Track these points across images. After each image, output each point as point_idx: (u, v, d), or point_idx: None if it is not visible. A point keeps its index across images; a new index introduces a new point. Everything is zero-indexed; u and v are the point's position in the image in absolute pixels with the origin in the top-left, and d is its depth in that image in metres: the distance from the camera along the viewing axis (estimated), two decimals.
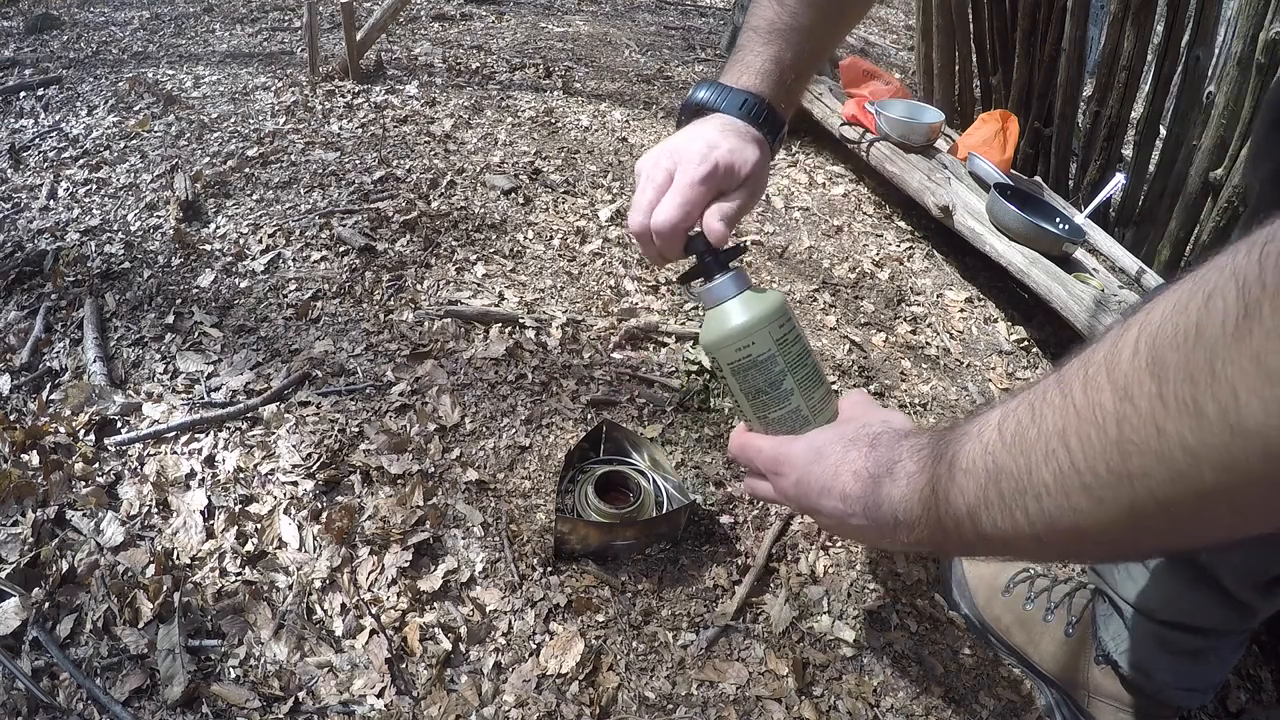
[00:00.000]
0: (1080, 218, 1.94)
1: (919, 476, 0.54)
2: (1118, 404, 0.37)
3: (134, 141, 2.35)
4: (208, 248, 1.80)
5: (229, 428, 1.30)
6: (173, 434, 1.28)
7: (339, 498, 1.19)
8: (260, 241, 1.81)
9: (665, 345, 1.58)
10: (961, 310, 1.89)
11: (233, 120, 2.47)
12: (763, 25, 0.76)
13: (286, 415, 1.32)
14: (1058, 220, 1.92)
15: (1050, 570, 1.08)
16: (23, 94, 2.76)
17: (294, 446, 1.26)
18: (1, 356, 1.49)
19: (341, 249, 1.77)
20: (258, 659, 0.97)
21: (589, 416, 1.37)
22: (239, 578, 1.06)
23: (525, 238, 1.88)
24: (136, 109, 2.58)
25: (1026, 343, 1.82)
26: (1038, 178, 2.30)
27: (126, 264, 1.75)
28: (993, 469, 0.45)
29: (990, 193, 1.92)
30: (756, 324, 0.67)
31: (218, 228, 1.88)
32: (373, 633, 1.01)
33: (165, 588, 1.02)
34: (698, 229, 0.72)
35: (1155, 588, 0.88)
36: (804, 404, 0.69)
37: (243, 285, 1.67)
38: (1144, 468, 0.36)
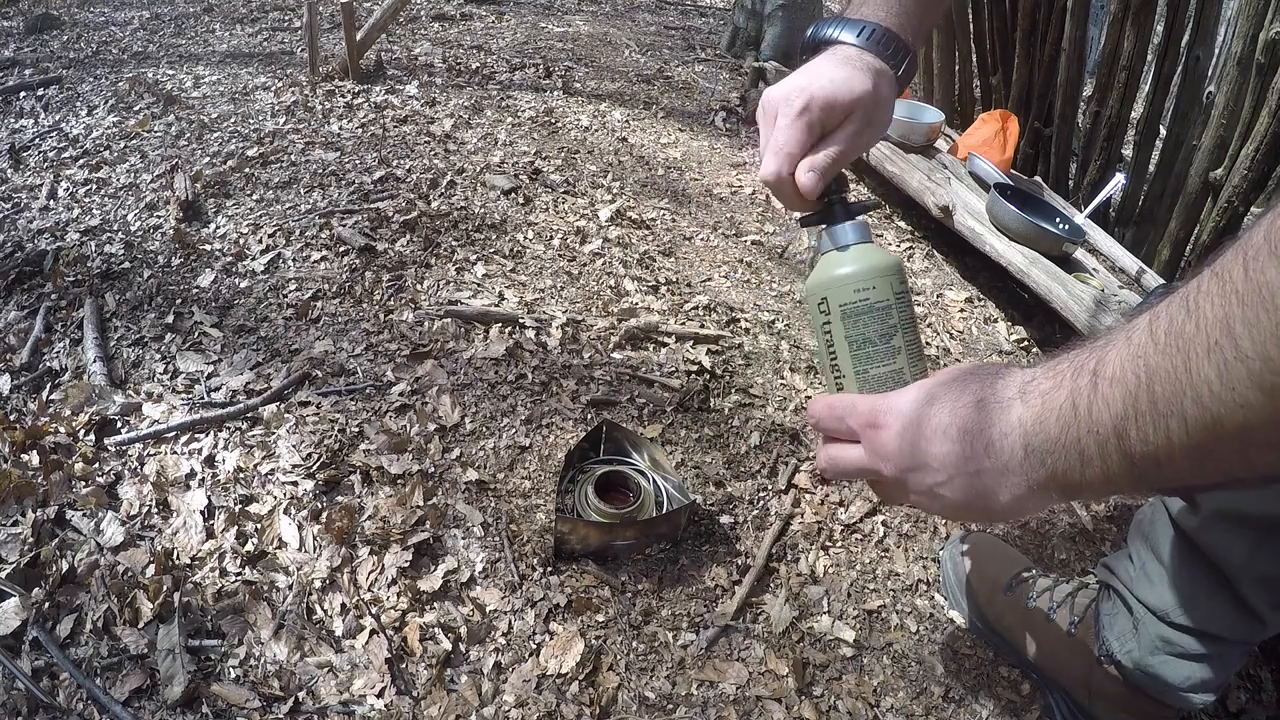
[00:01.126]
0: (1080, 218, 1.94)
1: (1056, 393, 0.47)
2: None
3: (134, 141, 2.35)
4: (208, 248, 1.80)
5: (229, 428, 1.30)
6: (173, 434, 1.28)
7: (339, 498, 1.19)
8: (260, 241, 1.81)
9: (665, 345, 1.58)
10: (961, 310, 1.89)
11: (233, 120, 2.47)
12: None
13: (286, 415, 1.32)
14: (1058, 220, 1.92)
15: (1052, 570, 1.08)
16: (23, 94, 2.76)
17: (294, 446, 1.26)
18: (1, 356, 1.49)
19: (341, 249, 1.77)
20: (258, 659, 0.97)
21: (589, 416, 1.37)
22: (239, 578, 1.06)
23: (525, 238, 1.88)
24: (136, 109, 2.58)
25: (1026, 343, 1.82)
26: (1038, 178, 2.30)
27: (126, 264, 1.75)
28: (1145, 373, 0.40)
29: (990, 193, 1.92)
30: (881, 269, 0.63)
31: (218, 228, 1.88)
32: (373, 633, 1.01)
33: (165, 588, 1.02)
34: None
35: (1172, 590, 0.88)
36: (908, 367, 0.64)
37: (243, 285, 1.67)
38: None
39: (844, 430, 0.61)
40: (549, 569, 1.11)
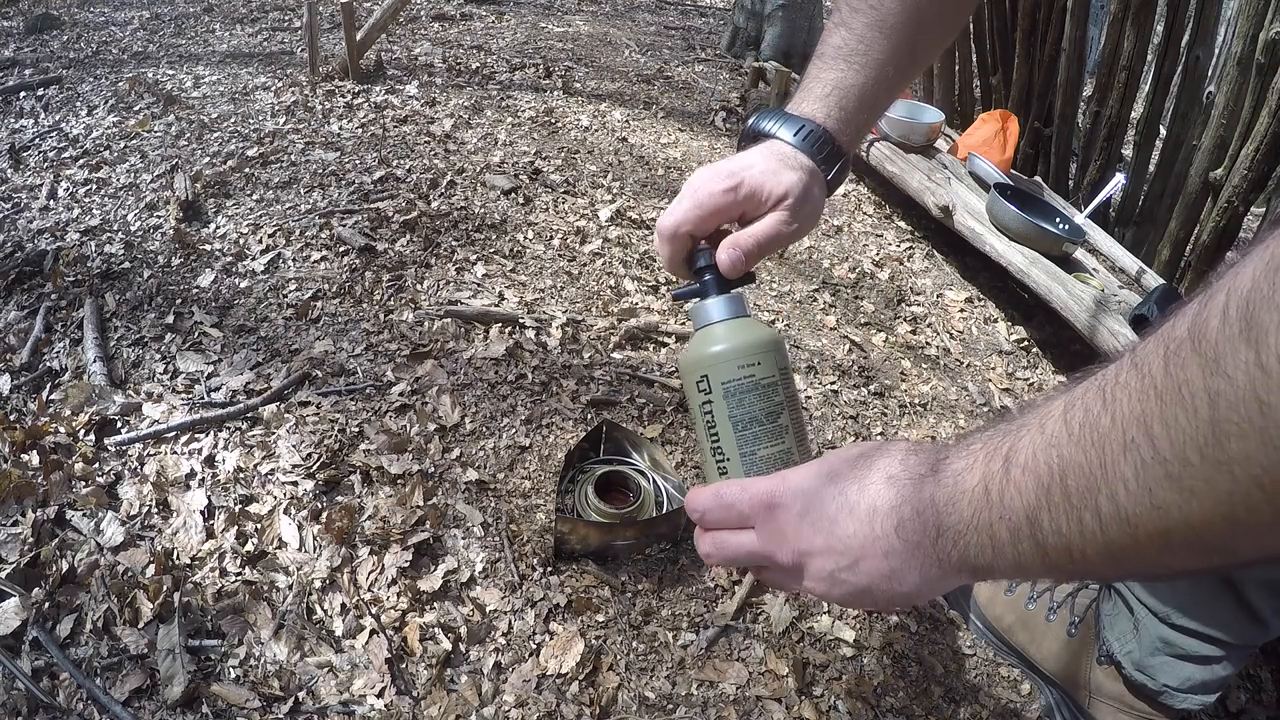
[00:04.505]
0: (1080, 218, 1.94)
1: (968, 475, 0.45)
2: (1208, 379, 0.32)
3: (134, 141, 2.35)
4: (208, 248, 1.80)
5: (229, 428, 1.30)
6: (173, 434, 1.28)
7: (339, 498, 1.19)
8: (260, 241, 1.81)
9: (665, 345, 1.58)
10: (961, 310, 1.89)
11: (233, 120, 2.47)
12: (828, 51, 0.70)
13: (286, 415, 1.32)
14: (1058, 220, 1.92)
15: None
16: (23, 94, 2.76)
17: (294, 446, 1.26)
18: (1, 356, 1.49)
19: (341, 249, 1.77)
20: (258, 659, 0.97)
21: (589, 416, 1.37)
22: (239, 578, 1.06)
23: (525, 238, 1.88)
24: (136, 109, 2.58)
25: (1026, 343, 1.82)
26: (1038, 178, 2.30)
27: (126, 264, 1.75)
28: (1058, 464, 0.39)
29: (990, 193, 1.92)
30: (765, 344, 0.60)
31: (218, 228, 1.88)
32: (373, 633, 1.01)
33: (165, 588, 1.02)
34: (705, 245, 0.66)
35: (1174, 591, 0.87)
36: (796, 448, 0.60)
37: (243, 285, 1.67)
38: (1245, 451, 0.31)
39: (733, 518, 0.55)
40: (549, 569, 1.11)
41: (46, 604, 1.00)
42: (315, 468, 1.22)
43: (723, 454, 0.60)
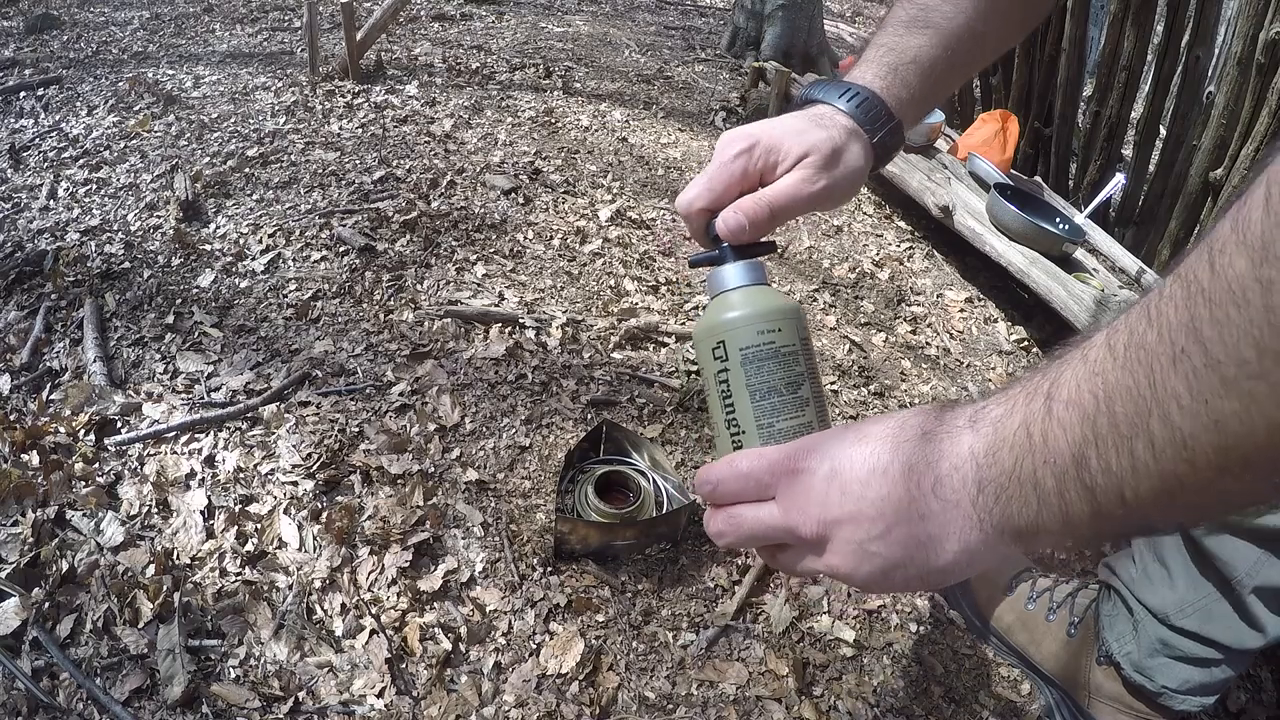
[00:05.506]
0: (1080, 218, 1.94)
1: (1008, 420, 0.40)
2: (1258, 269, 0.29)
3: (134, 141, 2.35)
4: (208, 248, 1.80)
5: (229, 428, 1.30)
6: (173, 434, 1.28)
7: (339, 498, 1.19)
8: (260, 241, 1.81)
9: (665, 345, 1.58)
10: (961, 310, 1.89)
11: (233, 120, 2.47)
12: (890, 21, 0.67)
13: (286, 415, 1.32)
14: (1058, 220, 1.92)
15: (1051, 571, 1.08)
16: (23, 94, 2.76)
17: (294, 446, 1.26)
18: (1, 356, 1.49)
19: (341, 249, 1.77)
20: (258, 659, 0.97)
21: (589, 416, 1.37)
22: (239, 578, 1.06)
23: (525, 238, 1.88)
24: (136, 109, 2.58)
25: (1026, 343, 1.82)
26: (1038, 178, 2.30)
27: (126, 264, 1.75)
28: (1103, 392, 0.35)
29: (990, 193, 1.92)
30: (788, 310, 0.56)
31: (218, 228, 1.88)
32: (373, 633, 1.01)
33: (165, 588, 1.02)
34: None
35: (1174, 593, 0.88)
36: (817, 423, 0.56)
37: (243, 285, 1.67)
38: None
39: (751, 488, 0.50)
40: (549, 569, 1.11)
41: (46, 604, 1.00)
42: (315, 468, 1.22)
43: (738, 426, 0.55)
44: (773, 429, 0.55)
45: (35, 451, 1.21)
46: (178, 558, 1.09)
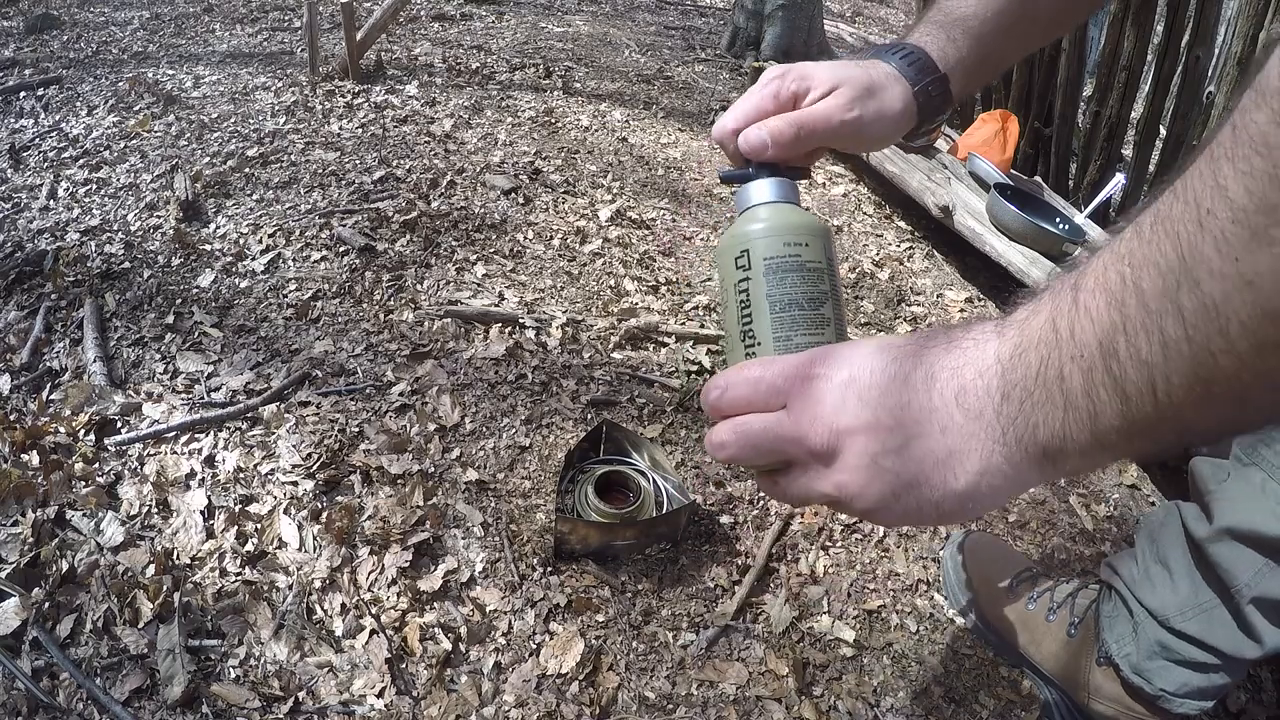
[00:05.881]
0: (1080, 218, 1.94)
1: (1034, 319, 0.38)
2: None
3: (134, 141, 2.35)
4: (208, 248, 1.80)
5: (229, 428, 1.30)
6: (173, 434, 1.28)
7: (339, 498, 1.19)
8: (260, 241, 1.81)
9: (665, 345, 1.58)
10: (961, 310, 1.89)
11: (233, 120, 2.47)
12: None
13: (286, 415, 1.32)
14: (1058, 220, 1.92)
15: (1051, 571, 1.08)
16: (23, 94, 2.76)
17: (294, 446, 1.26)
18: (1, 356, 1.49)
19: (341, 249, 1.77)
20: (258, 659, 0.97)
21: (589, 416, 1.37)
22: (239, 578, 1.06)
23: (525, 238, 1.88)
24: (136, 109, 2.58)
25: None
26: (1038, 178, 2.30)
27: (126, 264, 1.75)
28: (1130, 270, 0.34)
29: (990, 193, 1.92)
30: (815, 228, 0.54)
31: (218, 228, 1.88)
32: (373, 633, 1.01)
33: (165, 588, 1.02)
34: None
35: (1175, 596, 0.88)
36: (836, 342, 0.53)
37: (243, 285, 1.67)
38: None
39: (760, 394, 0.46)
40: (549, 569, 1.11)
41: (46, 604, 1.00)
42: (315, 468, 1.22)
43: (754, 338, 0.53)
44: (789, 342, 0.52)
45: (35, 451, 1.21)
46: (178, 558, 1.09)
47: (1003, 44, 0.67)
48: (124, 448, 1.25)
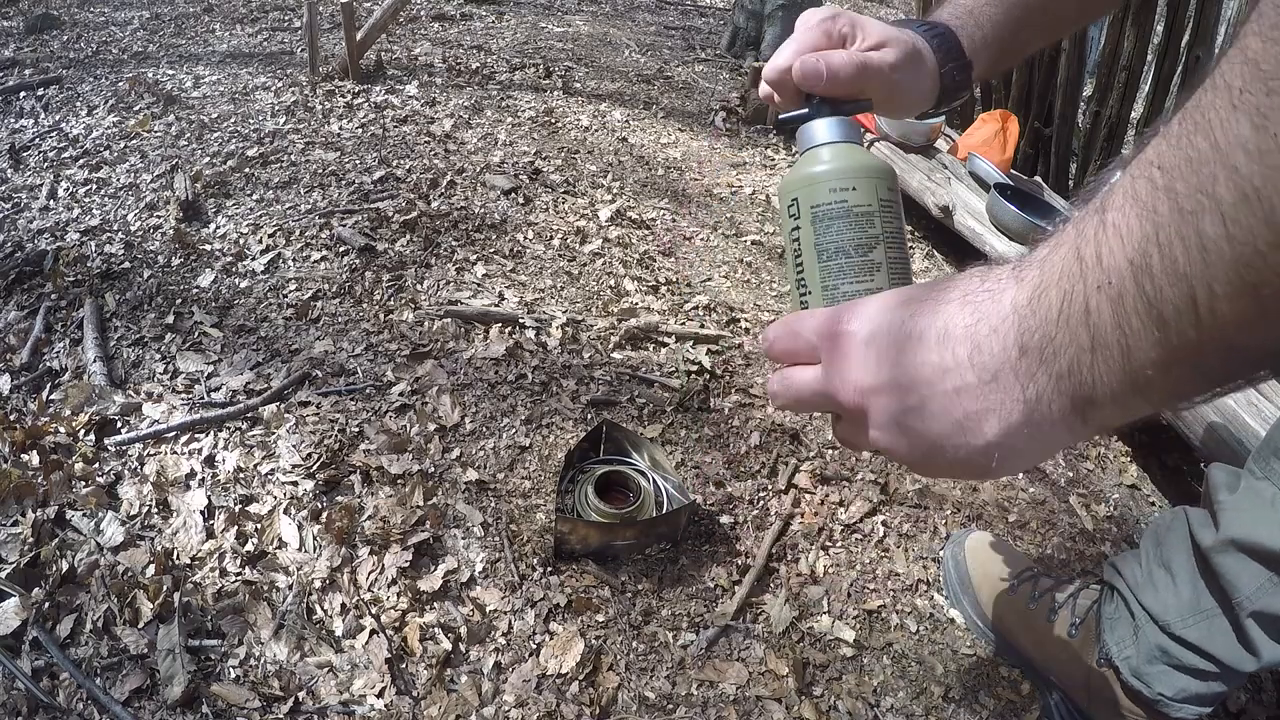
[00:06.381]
0: None
1: (1055, 254, 0.36)
2: None
3: (134, 141, 2.35)
4: (208, 248, 1.80)
5: (229, 428, 1.30)
6: (173, 434, 1.28)
7: (339, 498, 1.19)
8: (260, 241, 1.81)
9: (665, 345, 1.58)
10: None
11: (233, 120, 2.47)
12: None
13: (286, 415, 1.32)
14: (1058, 220, 1.92)
15: (1051, 571, 1.08)
16: (23, 94, 2.76)
17: (294, 446, 1.26)
18: (1, 356, 1.49)
19: (341, 249, 1.77)
20: (258, 659, 0.97)
21: (589, 416, 1.37)
22: (239, 578, 1.06)
23: (525, 238, 1.88)
24: (136, 109, 2.58)
25: None
26: (1038, 178, 2.30)
27: (126, 264, 1.75)
28: (1161, 174, 0.31)
29: (990, 193, 1.92)
30: (866, 169, 0.54)
31: (218, 228, 1.88)
32: (373, 633, 1.01)
33: (165, 588, 1.02)
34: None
35: (1177, 602, 0.87)
36: (888, 289, 0.52)
37: (243, 285, 1.67)
38: None
39: (800, 347, 0.47)
40: (549, 569, 1.11)
41: (46, 604, 1.00)
42: (315, 468, 1.22)
43: (805, 287, 0.54)
44: (836, 291, 0.53)
45: (35, 451, 1.21)
46: (178, 558, 1.09)
47: (1025, 36, 0.66)
48: (124, 448, 1.25)
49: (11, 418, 1.31)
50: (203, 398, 1.37)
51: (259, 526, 1.13)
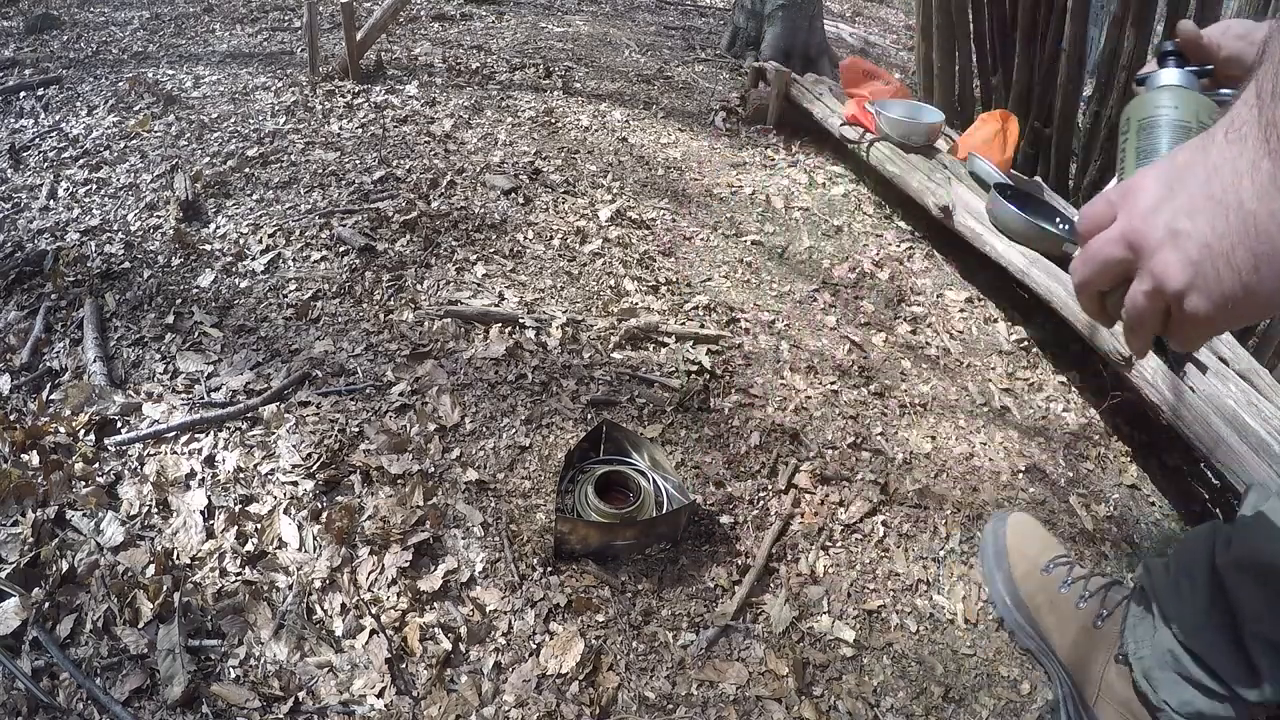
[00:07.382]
0: None
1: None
2: None
3: (134, 141, 2.35)
4: (208, 248, 1.80)
5: (229, 428, 1.30)
6: (173, 434, 1.28)
7: (339, 498, 1.19)
8: (260, 241, 1.81)
9: (665, 345, 1.58)
10: (961, 310, 1.89)
11: (233, 120, 2.47)
12: None
13: (286, 415, 1.32)
14: (1058, 220, 1.92)
15: (1090, 561, 1.08)
16: (23, 94, 2.76)
17: (294, 446, 1.26)
18: (1, 356, 1.49)
19: (341, 249, 1.77)
20: (258, 659, 0.97)
21: (589, 416, 1.37)
22: (239, 578, 1.06)
23: (525, 238, 1.88)
24: (136, 109, 2.58)
25: (1026, 343, 1.81)
26: (1038, 178, 2.30)
27: (126, 264, 1.75)
28: None
29: (990, 193, 1.91)
30: (1192, 99, 0.64)
31: (218, 228, 1.88)
32: (373, 633, 1.01)
33: (165, 588, 1.02)
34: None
35: (1191, 610, 0.87)
36: None
37: (243, 285, 1.67)
38: None
39: (1100, 207, 0.52)
40: (549, 569, 1.11)
41: (46, 604, 1.00)
42: (315, 468, 1.22)
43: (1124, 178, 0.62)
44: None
45: (35, 451, 1.21)
46: (178, 558, 1.09)
47: None
48: (124, 448, 1.25)
49: (11, 418, 1.31)
50: (203, 398, 1.37)
51: (259, 526, 1.13)
